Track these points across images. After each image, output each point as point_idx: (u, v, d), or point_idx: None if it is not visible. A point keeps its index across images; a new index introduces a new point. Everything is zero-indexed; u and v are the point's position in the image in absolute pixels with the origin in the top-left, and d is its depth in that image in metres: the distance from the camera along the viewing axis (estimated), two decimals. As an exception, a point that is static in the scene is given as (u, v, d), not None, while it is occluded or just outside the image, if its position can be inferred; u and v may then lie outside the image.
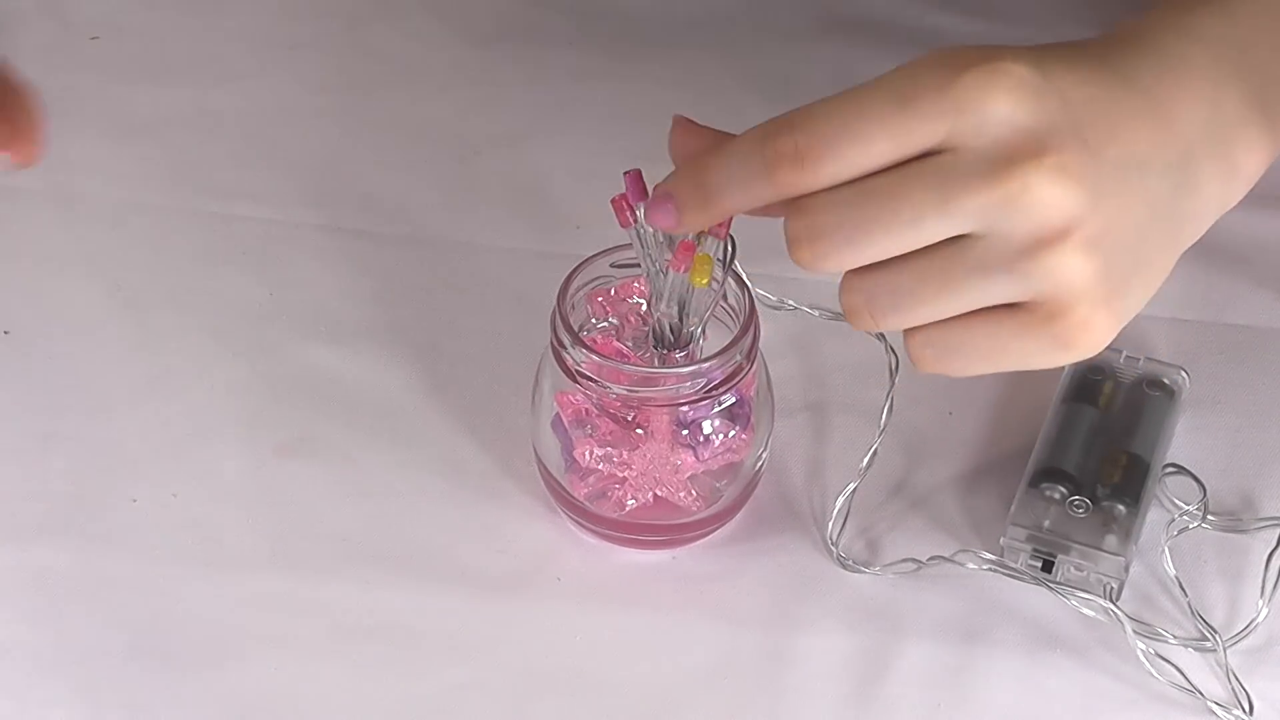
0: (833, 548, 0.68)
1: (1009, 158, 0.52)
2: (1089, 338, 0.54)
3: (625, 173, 0.60)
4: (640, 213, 0.60)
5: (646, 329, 0.65)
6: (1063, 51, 0.55)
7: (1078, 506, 0.67)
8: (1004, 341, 0.54)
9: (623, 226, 0.61)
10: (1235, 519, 0.69)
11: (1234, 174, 0.56)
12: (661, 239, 0.61)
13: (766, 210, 0.55)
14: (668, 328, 0.64)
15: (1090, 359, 0.71)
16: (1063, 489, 0.67)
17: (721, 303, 0.65)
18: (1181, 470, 0.69)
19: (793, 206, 0.54)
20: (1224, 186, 0.56)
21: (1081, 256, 0.52)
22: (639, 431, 0.65)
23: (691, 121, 0.57)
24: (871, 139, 0.53)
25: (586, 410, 0.65)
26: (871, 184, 0.53)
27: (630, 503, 0.67)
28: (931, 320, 0.55)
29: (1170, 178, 0.55)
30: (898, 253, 0.54)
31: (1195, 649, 0.65)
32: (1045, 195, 0.52)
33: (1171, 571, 0.66)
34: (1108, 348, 0.71)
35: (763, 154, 0.53)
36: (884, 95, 0.53)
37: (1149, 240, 0.54)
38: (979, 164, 0.52)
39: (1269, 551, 0.66)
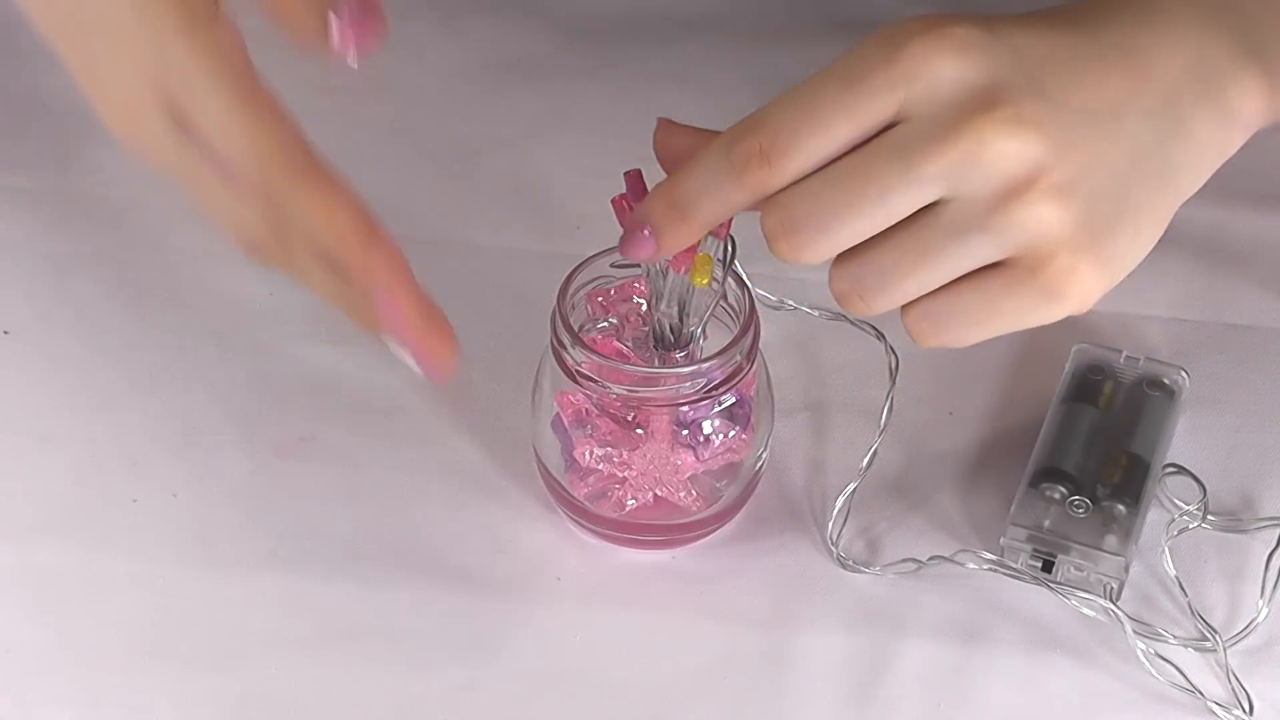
0: (833, 548, 0.68)
1: (961, 116, 0.52)
2: (1077, 286, 0.54)
3: (625, 173, 0.60)
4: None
5: (646, 329, 0.65)
6: (1025, 16, 0.55)
7: (1078, 506, 0.67)
8: (994, 302, 0.54)
9: (623, 226, 0.61)
10: (1235, 519, 0.69)
11: (1229, 119, 0.56)
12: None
13: None
14: (668, 328, 0.64)
15: (1090, 359, 0.72)
16: (1063, 489, 0.67)
17: (721, 303, 0.65)
18: (1181, 470, 0.69)
19: (765, 204, 0.55)
20: (1219, 132, 0.56)
21: (1053, 205, 0.52)
22: (639, 431, 0.65)
23: (673, 122, 0.58)
24: (830, 124, 0.53)
25: (586, 410, 0.65)
26: (836, 168, 0.53)
27: (630, 503, 0.67)
28: (920, 293, 0.55)
29: (1153, 124, 0.54)
30: (873, 231, 0.54)
31: (1195, 649, 0.65)
32: (1002, 147, 0.52)
33: (1171, 571, 0.66)
34: (1107, 347, 0.72)
35: (729, 160, 0.54)
36: (835, 79, 0.53)
37: (1134, 187, 0.54)
38: (934, 127, 0.52)
39: (1269, 551, 0.66)
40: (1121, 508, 0.67)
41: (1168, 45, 0.55)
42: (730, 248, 0.60)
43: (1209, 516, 0.68)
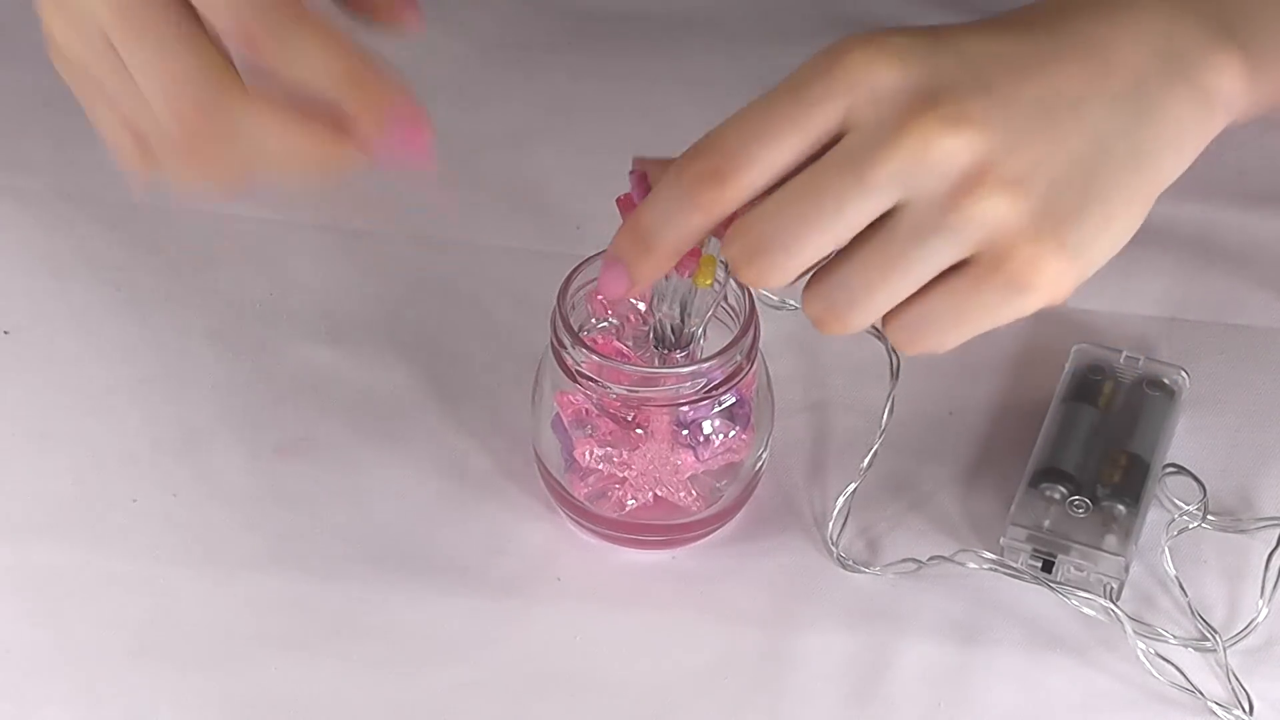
0: (833, 548, 0.68)
1: (905, 118, 0.52)
2: (1043, 277, 0.54)
3: (631, 171, 0.60)
4: None
5: (646, 329, 0.65)
6: (981, 22, 0.55)
7: (1078, 506, 0.67)
8: (964, 302, 0.54)
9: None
10: (1235, 519, 0.69)
11: (1207, 100, 0.56)
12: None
13: None
14: (668, 328, 0.64)
15: (1090, 359, 0.72)
16: (1063, 489, 0.67)
17: (722, 303, 0.65)
18: (1181, 470, 0.69)
19: (726, 234, 0.55)
20: (1198, 113, 0.56)
21: (1004, 197, 0.53)
22: (639, 431, 0.65)
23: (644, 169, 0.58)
24: (777, 136, 0.53)
25: (586, 410, 0.65)
26: (790, 186, 0.54)
27: (630, 503, 0.67)
28: (892, 304, 0.55)
29: (1119, 109, 0.55)
30: (836, 244, 0.54)
31: (1195, 649, 0.65)
32: (948, 145, 0.52)
33: (1171, 571, 0.66)
34: (1107, 347, 0.72)
35: (683, 183, 0.55)
36: (781, 94, 0.54)
37: (1100, 173, 0.54)
38: (880, 132, 0.53)
39: (1269, 551, 0.66)
40: (1121, 508, 0.67)
41: (1133, 34, 0.55)
42: (731, 248, 0.60)
43: (1209, 516, 0.68)
